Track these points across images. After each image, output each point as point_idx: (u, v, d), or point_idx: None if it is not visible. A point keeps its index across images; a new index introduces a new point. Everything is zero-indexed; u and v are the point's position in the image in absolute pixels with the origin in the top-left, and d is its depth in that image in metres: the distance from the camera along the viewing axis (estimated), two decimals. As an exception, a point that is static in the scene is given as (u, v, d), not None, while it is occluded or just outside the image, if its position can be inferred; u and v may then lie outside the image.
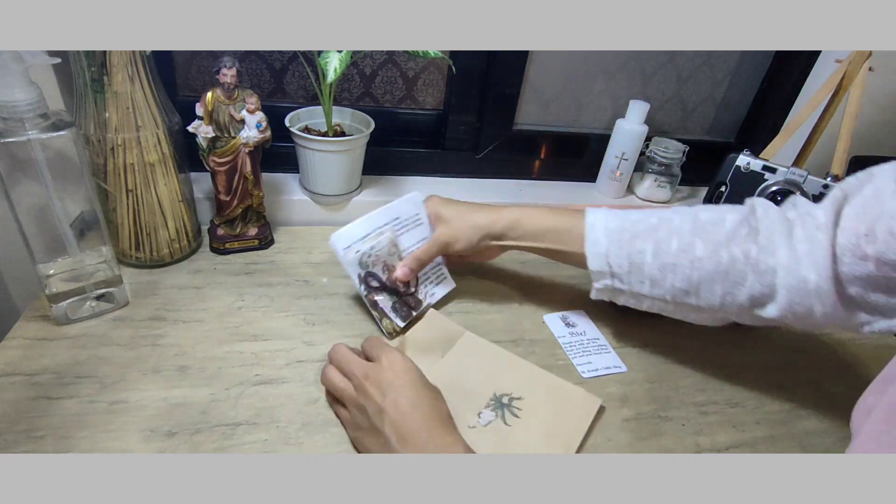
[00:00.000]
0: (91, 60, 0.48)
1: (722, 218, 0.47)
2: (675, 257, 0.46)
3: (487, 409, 0.47)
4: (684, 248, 0.46)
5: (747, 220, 0.46)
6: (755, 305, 0.45)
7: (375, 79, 0.77)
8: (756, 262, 0.44)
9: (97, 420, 0.42)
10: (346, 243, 0.52)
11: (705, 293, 0.46)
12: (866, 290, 0.41)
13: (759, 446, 0.49)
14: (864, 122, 0.82)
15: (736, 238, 0.45)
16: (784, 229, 0.44)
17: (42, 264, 0.47)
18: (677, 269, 0.46)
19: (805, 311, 0.43)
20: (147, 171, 0.54)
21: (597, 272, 0.50)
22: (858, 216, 0.41)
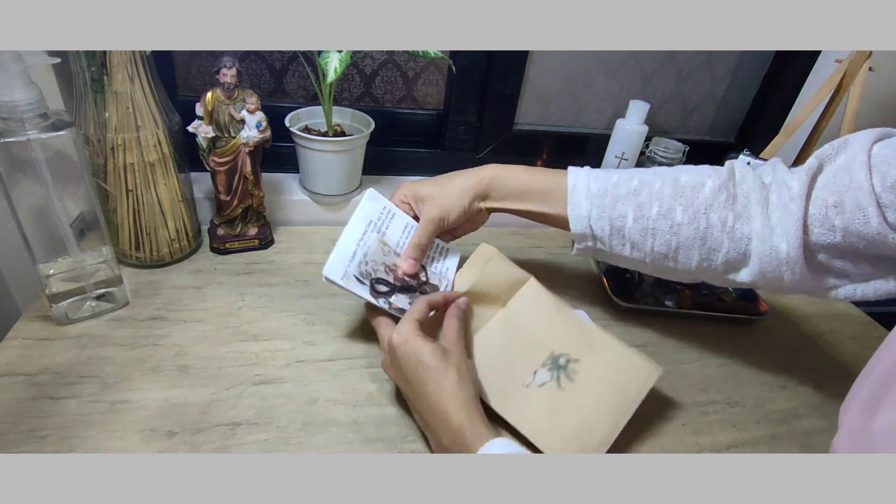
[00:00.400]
0: (91, 60, 0.48)
1: (702, 182, 0.47)
2: (655, 222, 0.47)
3: (544, 367, 0.47)
4: (664, 214, 0.47)
5: (725, 185, 0.46)
6: (729, 270, 0.47)
7: (375, 79, 0.77)
8: (732, 230, 0.45)
9: (98, 420, 0.42)
10: (340, 270, 0.48)
11: (683, 257, 0.47)
12: (833, 258, 0.43)
13: (760, 446, 0.49)
14: (864, 122, 0.82)
15: (714, 205, 0.46)
16: (760, 196, 0.45)
17: (42, 264, 0.48)
18: (657, 234, 0.47)
19: (775, 278, 0.45)
20: (147, 170, 0.54)
21: (578, 234, 0.50)
22: (829, 186, 0.42)
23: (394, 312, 0.49)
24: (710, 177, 0.47)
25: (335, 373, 0.50)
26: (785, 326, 0.66)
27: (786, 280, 0.44)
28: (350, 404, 0.47)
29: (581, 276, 0.69)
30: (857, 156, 0.40)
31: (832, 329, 0.67)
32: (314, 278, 0.62)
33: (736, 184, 0.46)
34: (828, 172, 0.43)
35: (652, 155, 0.82)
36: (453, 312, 0.47)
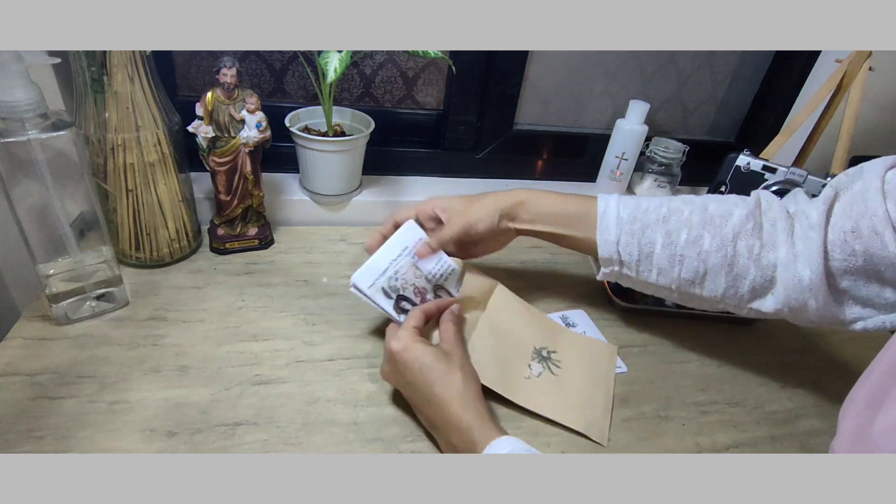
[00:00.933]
0: (91, 60, 0.48)
1: (729, 211, 0.48)
2: (683, 249, 0.47)
3: (534, 360, 0.52)
4: (693, 241, 0.47)
5: (752, 214, 0.47)
6: (754, 297, 0.47)
7: (375, 79, 0.77)
8: (758, 257, 0.46)
9: (97, 420, 0.42)
10: (369, 281, 0.49)
11: (710, 284, 0.48)
12: (857, 284, 0.43)
13: (760, 446, 0.49)
14: (864, 122, 0.82)
15: (742, 233, 0.46)
16: (786, 225, 0.45)
17: (42, 264, 0.47)
18: (685, 261, 0.47)
19: (800, 306, 0.45)
20: (147, 171, 0.53)
21: (606, 259, 0.50)
22: (846, 213, 0.43)
23: None
24: (738, 206, 0.48)
25: (335, 373, 0.50)
26: (785, 327, 0.66)
27: (810, 309, 0.44)
28: (350, 404, 0.47)
29: (581, 276, 0.69)
30: (872, 182, 0.41)
31: (833, 330, 0.66)
32: (314, 278, 0.62)
33: (762, 213, 0.47)
34: (844, 200, 0.43)
35: (652, 155, 0.82)
36: (448, 317, 0.49)
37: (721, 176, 0.74)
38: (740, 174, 0.73)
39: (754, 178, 0.72)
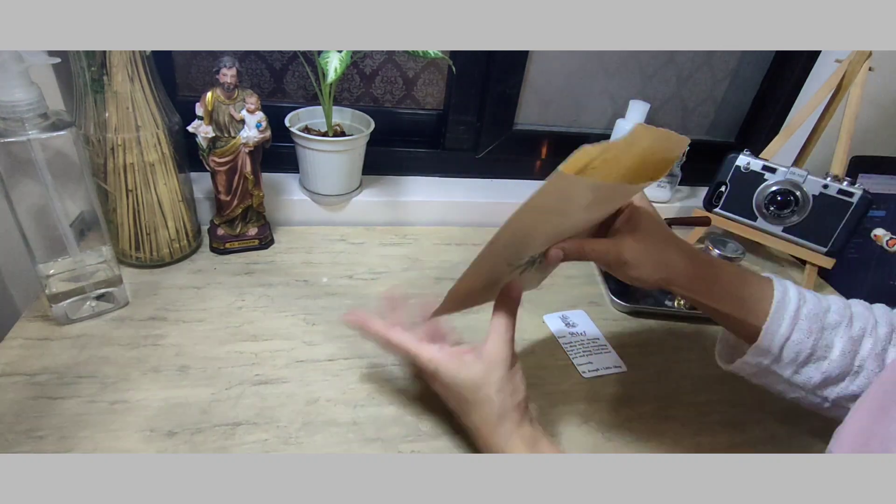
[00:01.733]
0: (91, 60, 0.48)
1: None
2: (864, 361, 0.41)
3: (524, 264, 0.42)
4: (878, 354, 0.41)
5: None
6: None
7: (375, 79, 0.77)
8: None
9: (98, 420, 0.42)
10: None
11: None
12: None
13: (760, 446, 0.49)
14: (864, 122, 0.82)
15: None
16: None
17: (42, 264, 0.47)
18: (861, 373, 0.41)
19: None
20: (147, 170, 0.54)
21: (762, 349, 0.42)
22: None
23: None
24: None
25: (335, 373, 0.50)
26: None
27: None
28: (350, 404, 0.47)
29: (581, 276, 0.69)
30: None
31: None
32: (314, 278, 0.62)
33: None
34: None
35: (652, 155, 0.82)
36: (503, 306, 0.42)
37: (721, 176, 0.74)
38: (740, 174, 0.73)
39: (754, 178, 0.72)
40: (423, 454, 0.43)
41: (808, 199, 0.69)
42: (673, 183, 0.83)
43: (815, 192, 0.69)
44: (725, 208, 0.75)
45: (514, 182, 0.85)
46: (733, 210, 0.75)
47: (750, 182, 0.72)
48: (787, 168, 0.70)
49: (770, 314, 0.42)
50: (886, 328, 0.42)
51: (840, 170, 0.69)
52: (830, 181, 0.68)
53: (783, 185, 0.70)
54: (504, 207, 0.78)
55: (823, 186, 0.68)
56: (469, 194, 0.78)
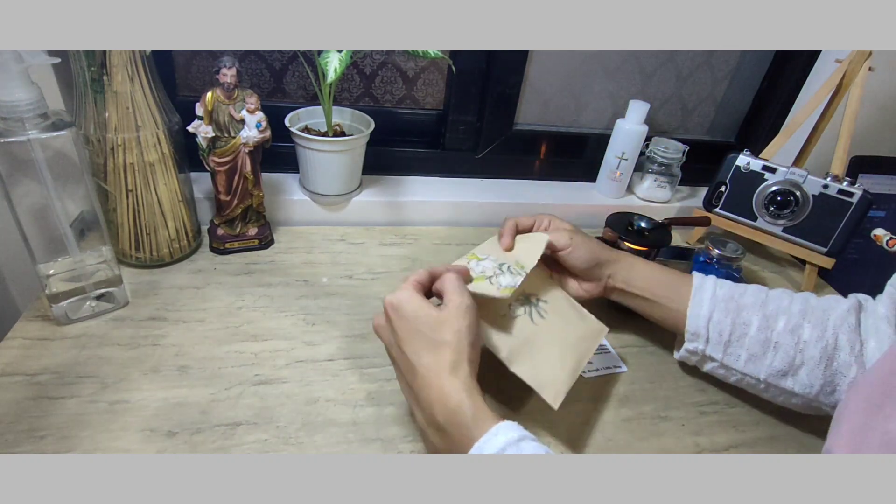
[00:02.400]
0: (91, 60, 0.48)
1: (831, 306, 0.47)
2: (780, 336, 0.46)
3: (517, 303, 0.48)
4: (792, 329, 0.46)
5: (854, 309, 0.46)
6: None
7: (375, 79, 0.77)
8: (860, 354, 0.44)
9: (97, 420, 0.42)
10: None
11: (804, 377, 0.46)
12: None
13: (759, 446, 0.49)
14: (864, 122, 0.82)
15: (843, 326, 0.45)
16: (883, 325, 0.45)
17: (42, 264, 0.48)
18: (780, 349, 0.46)
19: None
20: (147, 170, 0.54)
21: (692, 333, 0.49)
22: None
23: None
24: (840, 301, 0.47)
25: (335, 373, 0.50)
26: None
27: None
28: (349, 404, 0.47)
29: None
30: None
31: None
32: (314, 278, 0.62)
33: (864, 310, 0.47)
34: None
35: (652, 155, 0.82)
36: (451, 272, 0.42)
37: (721, 176, 0.74)
38: (740, 174, 0.73)
39: (754, 178, 0.72)
40: (422, 454, 0.43)
41: (808, 200, 0.69)
42: (673, 183, 0.83)
43: (815, 192, 0.69)
44: (725, 208, 0.75)
45: (514, 182, 0.85)
46: (733, 210, 0.75)
47: (750, 182, 0.72)
48: (787, 168, 0.70)
49: (691, 297, 0.49)
50: (801, 305, 0.47)
51: (840, 170, 0.69)
52: (830, 181, 0.68)
53: (783, 185, 0.70)
54: (504, 207, 0.79)
55: (823, 186, 0.68)
56: (469, 194, 0.79)
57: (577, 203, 0.81)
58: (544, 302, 0.50)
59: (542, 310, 0.49)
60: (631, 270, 0.53)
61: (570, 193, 0.84)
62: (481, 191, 0.80)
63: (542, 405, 0.49)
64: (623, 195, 0.85)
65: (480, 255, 0.51)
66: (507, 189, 0.82)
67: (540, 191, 0.83)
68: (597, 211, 0.82)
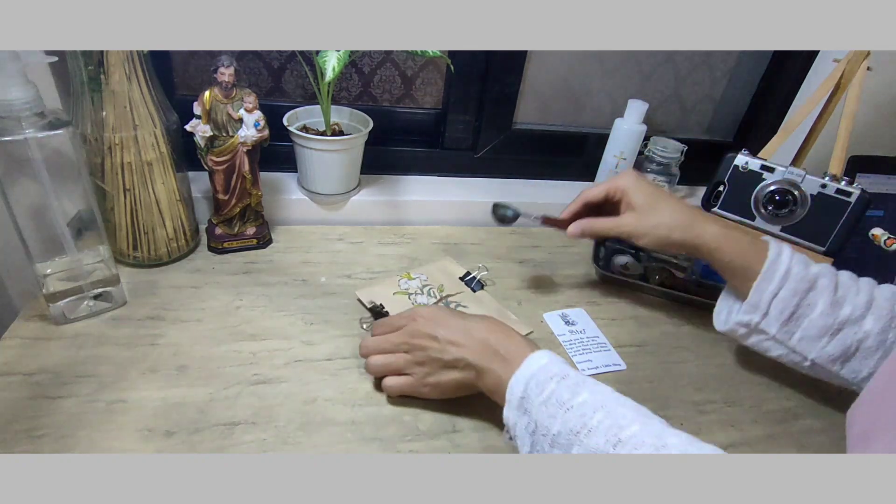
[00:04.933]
0: (88, 59, 0.48)
1: (895, 298, 0.47)
2: (842, 323, 0.46)
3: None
4: (856, 319, 0.46)
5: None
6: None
7: (374, 78, 0.77)
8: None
9: (95, 420, 0.42)
10: None
11: (855, 365, 0.46)
12: None
13: (757, 445, 0.49)
14: (863, 122, 0.82)
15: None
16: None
17: (39, 263, 0.47)
18: (839, 335, 0.46)
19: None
20: (145, 170, 0.53)
21: (751, 305, 0.48)
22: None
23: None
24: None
25: (333, 372, 0.50)
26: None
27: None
28: (348, 404, 0.47)
29: (578, 276, 0.69)
30: None
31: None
32: (312, 278, 0.61)
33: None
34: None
35: (650, 154, 0.82)
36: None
37: (719, 175, 0.74)
38: (738, 173, 0.73)
39: (752, 178, 0.72)
40: (421, 454, 0.43)
41: (806, 199, 0.69)
42: (671, 182, 0.83)
43: (813, 191, 0.69)
44: (724, 207, 0.75)
45: (513, 181, 0.85)
46: (731, 209, 0.75)
47: (748, 181, 0.72)
48: (785, 167, 0.70)
49: (763, 270, 0.47)
50: (866, 297, 0.47)
51: (838, 169, 0.69)
52: (829, 181, 0.68)
53: (781, 184, 0.70)
54: (502, 207, 0.78)
55: (821, 186, 0.68)
56: (468, 194, 0.78)
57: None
58: (464, 307, 0.58)
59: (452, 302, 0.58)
60: (717, 253, 0.50)
61: (569, 193, 0.83)
62: (480, 190, 0.80)
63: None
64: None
65: (413, 275, 0.62)
66: (506, 188, 0.82)
67: (539, 190, 0.83)
68: (595, 210, 0.82)
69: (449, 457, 0.43)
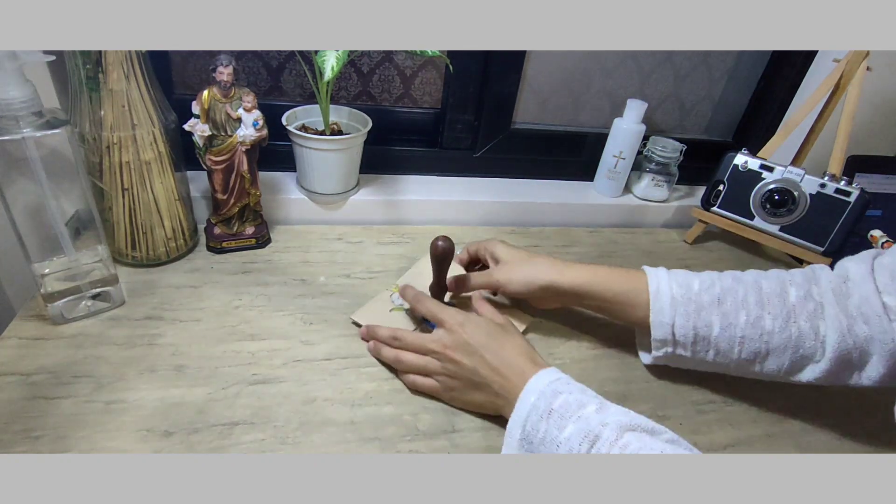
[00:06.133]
0: (86, 58, 0.48)
1: (784, 289, 0.48)
2: (744, 331, 0.47)
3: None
4: (753, 322, 0.47)
5: (810, 294, 0.47)
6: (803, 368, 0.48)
7: (373, 77, 0.77)
8: (824, 338, 0.46)
9: (94, 420, 0.42)
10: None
11: (771, 363, 0.48)
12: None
13: (757, 445, 0.49)
14: (862, 122, 0.83)
15: (803, 313, 0.47)
16: (837, 295, 0.46)
17: (37, 263, 0.47)
18: (746, 342, 0.47)
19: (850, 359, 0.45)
20: (143, 169, 0.53)
21: (660, 340, 0.50)
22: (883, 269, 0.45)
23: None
24: (792, 283, 0.49)
25: (332, 372, 0.49)
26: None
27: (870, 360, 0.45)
28: (347, 404, 0.47)
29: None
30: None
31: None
32: (311, 277, 0.61)
33: (817, 288, 0.48)
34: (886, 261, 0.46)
35: (649, 154, 0.82)
36: (478, 296, 0.54)
37: (719, 175, 0.74)
38: (738, 173, 0.73)
39: (752, 177, 0.72)
40: (420, 454, 0.43)
41: (805, 199, 0.69)
42: (670, 182, 0.83)
43: (812, 191, 0.69)
44: (723, 207, 0.76)
45: (512, 181, 0.85)
46: (731, 209, 0.75)
47: (747, 181, 0.73)
48: (784, 167, 0.70)
49: (651, 306, 0.50)
50: (755, 295, 0.48)
51: (837, 169, 0.69)
52: (828, 180, 0.68)
53: (780, 183, 0.70)
54: (502, 206, 0.78)
55: (821, 185, 0.68)
56: (467, 193, 0.78)
57: (575, 202, 0.81)
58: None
59: None
60: (582, 286, 0.52)
61: (568, 192, 0.84)
62: (479, 190, 0.80)
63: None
64: (620, 194, 0.85)
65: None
66: (505, 188, 0.82)
67: (537, 190, 0.83)
68: (594, 210, 0.82)
69: (449, 457, 0.43)
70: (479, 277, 0.56)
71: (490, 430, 0.46)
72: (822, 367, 0.46)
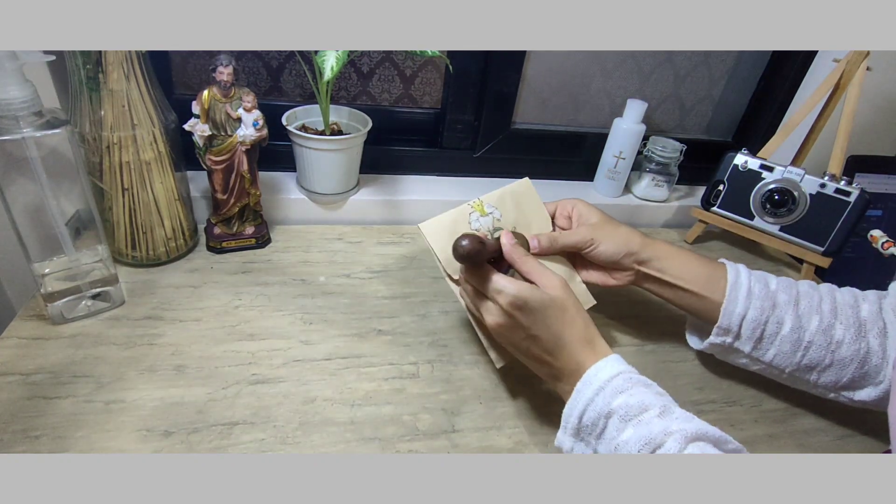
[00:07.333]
0: (86, 58, 0.48)
1: (857, 303, 0.48)
2: (813, 335, 0.47)
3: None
4: (824, 329, 0.47)
5: (882, 313, 0.47)
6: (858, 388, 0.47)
7: (373, 77, 0.77)
8: (887, 357, 0.45)
9: (93, 420, 0.42)
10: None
11: (831, 375, 0.47)
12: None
13: (757, 445, 0.49)
14: (862, 122, 0.83)
15: (874, 330, 0.46)
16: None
17: (37, 263, 0.47)
18: (812, 347, 0.47)
19: None
20: (143, 169, 0.53)
21: (723, 328, 0.49)
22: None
23: None
24: (865, 299, 0.48)
25: (332, 372, 0.49)
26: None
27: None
28: (347, 404, 0.47)
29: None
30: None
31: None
32: (311, 277, 0.61)
33: (884, 310, 0.47)
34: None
35: (650, 154, 0.82)
36: (528, 258, 0.46)
37: (719, 175, 0.74)
38: (738, 173, 0.73)
39: (752, 177, 0.72)
40: (420, 454, 0.43)
41: (805, 199, 0.69)
42: (670, 182, 0.83)
43: (812, 191, 0.69)
44: (723, 207, 0.76)
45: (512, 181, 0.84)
46: (731, 209, 0.75)
47: (747, 181, 0.73)
48: (784, 167, 0.70)
49: (727, 294, 0.48)
50: (829, 304, 0.47)
51: (837, 169, 0.69)
52: (828, 180, 0.68)
53: (780, 183, 0.70)
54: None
55: (821, 185, 0.68)
56: (467, 193, 0.78)
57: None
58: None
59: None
60: (666, 259, 0.51)
61: (568, 192, 0.84)
62: (479, 190, 0.79)
63: (540, 402, 0.50)
64: (620, 194, 0.85)
65: (486, 209, 0.52)
66: (505, 188, 0.82)
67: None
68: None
69: (449, 457, 0.43)
70: (569, 236, 0.51)
71: (490, 430, 0.46)
72: (882, 388, 0.45)
